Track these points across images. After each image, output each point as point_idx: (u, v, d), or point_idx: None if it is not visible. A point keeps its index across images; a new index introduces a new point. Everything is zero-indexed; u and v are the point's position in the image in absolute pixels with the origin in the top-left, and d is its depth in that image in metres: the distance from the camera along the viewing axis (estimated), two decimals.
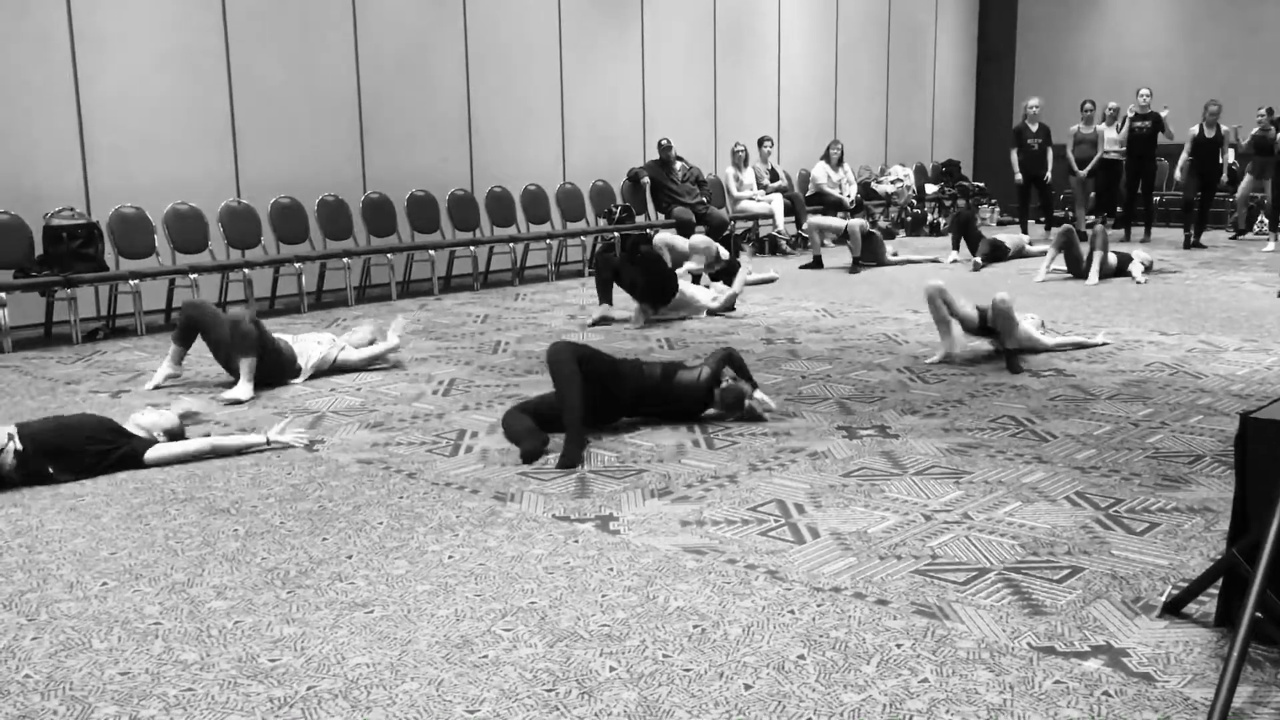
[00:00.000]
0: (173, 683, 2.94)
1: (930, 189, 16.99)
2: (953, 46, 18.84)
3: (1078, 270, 11.01)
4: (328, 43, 10.55)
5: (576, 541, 3.97)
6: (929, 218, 16.21)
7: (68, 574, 3.71)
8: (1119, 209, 14.84)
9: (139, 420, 5.17)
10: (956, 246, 12.70)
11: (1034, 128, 14.61)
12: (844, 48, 16.66)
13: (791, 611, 3.34)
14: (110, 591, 3.56)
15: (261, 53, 10.06)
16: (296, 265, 9.61)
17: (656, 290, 8.73)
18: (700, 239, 10.57)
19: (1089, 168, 14.59)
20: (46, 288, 8.31)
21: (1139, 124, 14.11)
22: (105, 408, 6.06)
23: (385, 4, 10.92)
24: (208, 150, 9.85)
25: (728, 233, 13.29)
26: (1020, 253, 12.78)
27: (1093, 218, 14.13)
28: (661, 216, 12.92)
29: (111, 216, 8.86)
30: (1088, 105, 14.69)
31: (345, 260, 10.02)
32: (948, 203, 16.75)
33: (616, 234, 12.29)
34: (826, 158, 15.09)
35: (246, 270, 9.28)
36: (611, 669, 2.99)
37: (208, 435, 5.35)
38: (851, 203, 14.90)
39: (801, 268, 12.21)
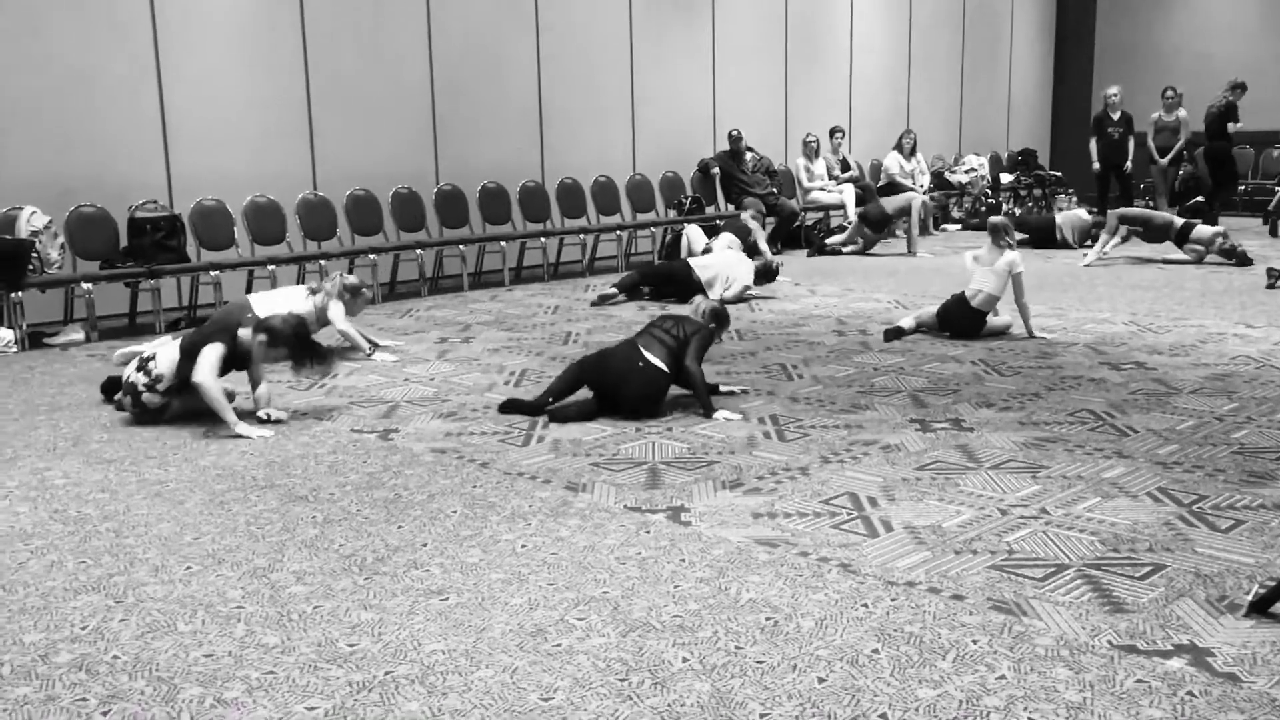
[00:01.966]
0: (255, 665, 3.01)
1: (1005, 178, 16.70)
2: (1029, 32, 18.50)
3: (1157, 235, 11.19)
4: (402, 36, 10.67)
5: (648, 532, 3.98)
6: (1004, 208, 15.93)
7: (154, 558, 3.81)
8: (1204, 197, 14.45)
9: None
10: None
11: (1115, 116, 14.27)
12: (918, 34, 16.45)
13: (865, 605, 3.32)
14: (194, 575, 3.65)
15: (338, 46, 10.21)
16: (370, 257, 9.74)
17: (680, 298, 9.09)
18: (728, 237, 10.46)
19: (1169, 156, 14.24)
20: (131, 279, 8.53)
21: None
22: None
23: (459, 5, 11.03)
24: (285, 143, 10.02)
25: (798, 224, 13.20)
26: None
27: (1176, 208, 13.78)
28: (731, 207, 12.87)
29: (193, 209, 9.06)
30: (1169, 93, 14.32)
31: (418, 251, 10.14)
32: (1023, 192, 16.46)
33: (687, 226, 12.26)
34: (899, 147, 14.90)
35: (322, 261, 9.42)
36: (684, 660, 2.99)
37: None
38: (924, 193, 14.70)
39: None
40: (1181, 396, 5.81)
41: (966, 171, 16.09)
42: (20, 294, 7.79)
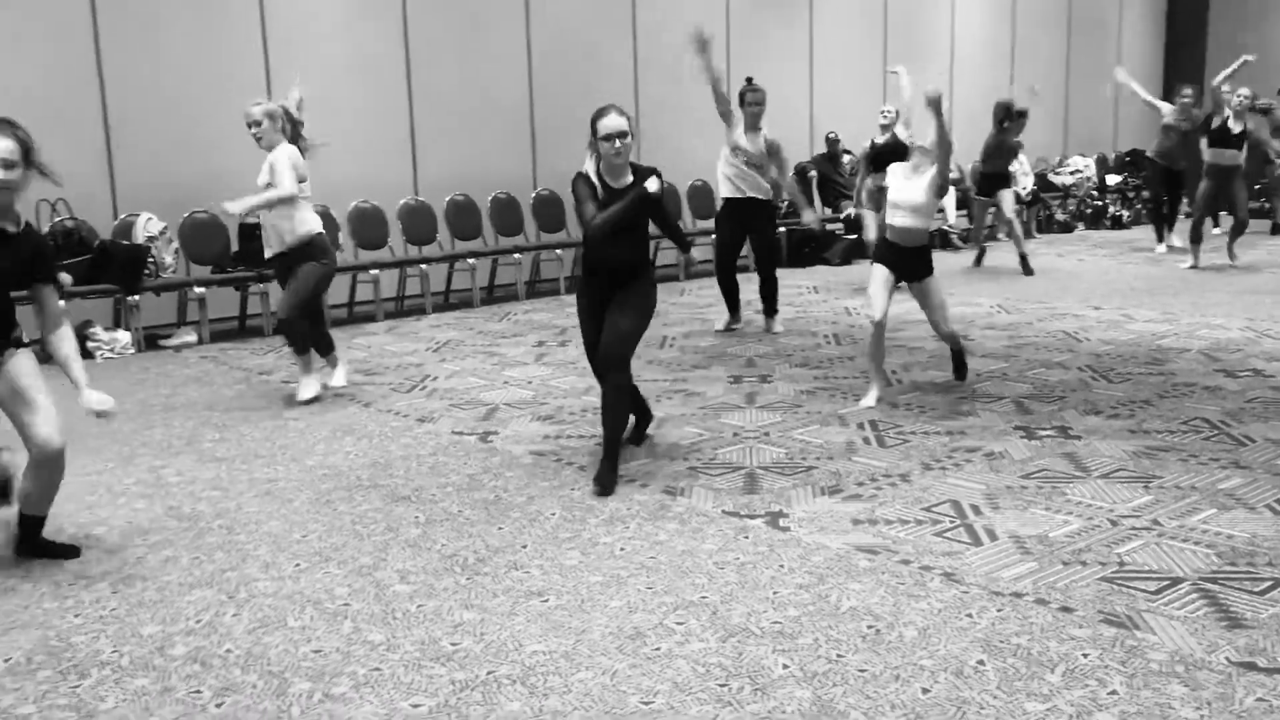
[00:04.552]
0: (361, 662, 3.07)
1: (1112, 180, 16.24)
2: (1138, 32, 17.97)
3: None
4: (500, 45, 10.80)
5: (746, 537, 3.96)
6: (1110, 210, 15.51)
7: (264, 554, 3.91)
8: None
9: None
10: (1161, 238, 12.30)
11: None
12: (1022, 34, 16.10)
13: (969, 615, 3.25)
14: (303, 572, 3.74)
15: (438, 55, 10.38)
16: (470, 261, 9.89)
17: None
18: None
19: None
20: (241, 283, 8.79)
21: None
22: (293, 398, 6.36)
23: (556, 5, 11.12)
24: (388, 150, 10.22)
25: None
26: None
27: None
28: (828, 210, 12.75)
29: None
30: None
31: (516, 255, 10.26)
32: (1130, 194, 15.99)
33: (784, 229, 12.18)
34: None
35: (423, 266, 9.59)
36: (785, 666, 2.97)
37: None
38: (1027, 195, 14.39)
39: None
40: None
41: (1072, 173, 15.70)
42: (136, 297, 8.08)
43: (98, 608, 3.48)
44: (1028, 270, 10.82)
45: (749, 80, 8.41)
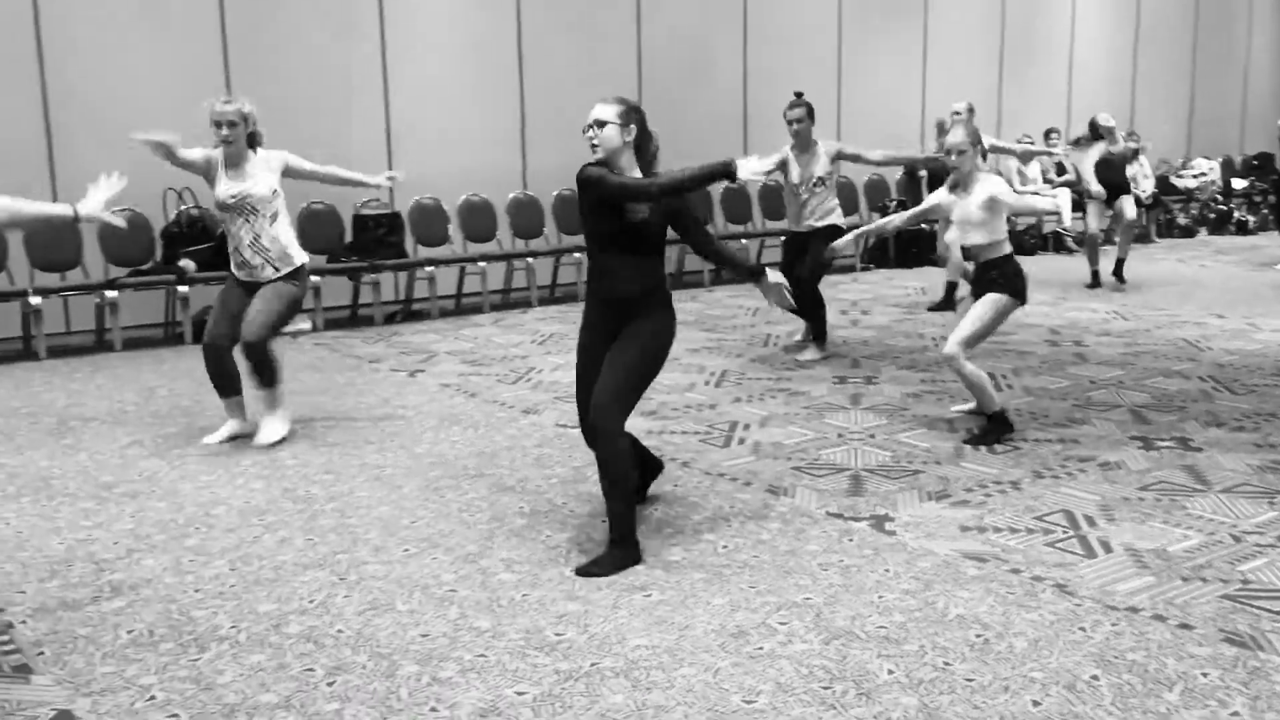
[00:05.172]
0: (468, 648, 3.12)
1: (1238, 184, 15.64)
2: (1270, 29, 17.26)
3: None
4: (612, 42, 10.86)
5: (851, 540, 3.92)
6: (1235, 215, 14.94)
7: (374, 539, 4.00)
8: None
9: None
10: None
11: None
12: (1145, 31, 15.60)
13: (1082, 629, 3.17)
14: (411, 558, 3.81)
15: (551, 54, 10.48)
16: (576, 255, 9.96)
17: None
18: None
19: None
20: (354, 272, 9.00)
21: None
22: (402, 386, 6.50)
23: (668, 13, 11.13)
24: (499, 145, 10.36)
25: (1009, 228, 12.74)
26: None
27: None
28: None
29: (412, 207, 9.48)
30: None
31: None
32: (1257, 198, 15.38)
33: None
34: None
35: (530, 259, 9.70)
36: (890, 672, 2.93)
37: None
38: (1148, 198, 13.94)
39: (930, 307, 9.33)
40: None
41: (1195, 176, 15.16)
42: None
43: (217, 584, 3.60)
44: (1120, 278, 10.15)
45: (797, 95, 7.56)
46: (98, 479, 4.78)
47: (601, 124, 3.88)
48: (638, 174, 3.93)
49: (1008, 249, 5.31)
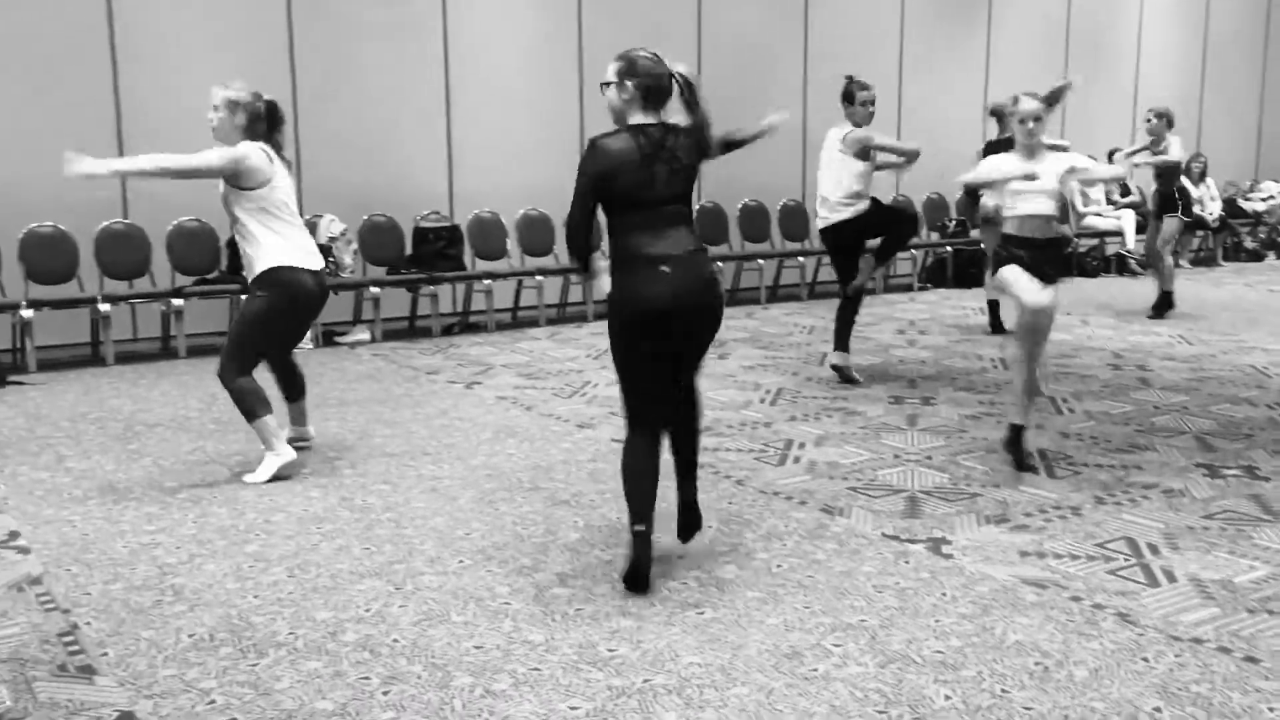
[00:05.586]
0: (521, 660, 3.13)
1: None
2: None
3: None
4: (672, 51, 10.87)
5: (907, 562, 3.88)
6: None
7: (429, 549, 4.04)
8: None
9: None
10: None
11: None
12: (1213, 50, 15.35)
13: (1145, 659, 3.11)
14: (466, 569, 3.84)
15: (610, 59, 10.53)
16: None
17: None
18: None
19: None
20: (413, 284, 9.10)
21: None
22: (459, 398, 6.55)
23: (729, 15, 11.16)
24: (557, 160, 10.39)
25: (1070, 249, 12.57)
26: None
27: None
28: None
29: (471, 220, 9.58)
30: None
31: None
32: None
33: (949, 248, 11.95)
34: (1187, 171, 13.91)
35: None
36: (946, 698, 2.89)
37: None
38: (1214, 221, 13.71)
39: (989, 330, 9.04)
40: None
41: (1264, 199, 14.86)
42: None
43: (275, 590, 3.65)
44: (1161, 310, 9.57)
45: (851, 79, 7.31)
46: (161, 484, 4.87)
47: (605, 85, 3.94)
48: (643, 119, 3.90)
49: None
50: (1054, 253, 5.06)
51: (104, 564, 3.90)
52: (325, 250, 8.57)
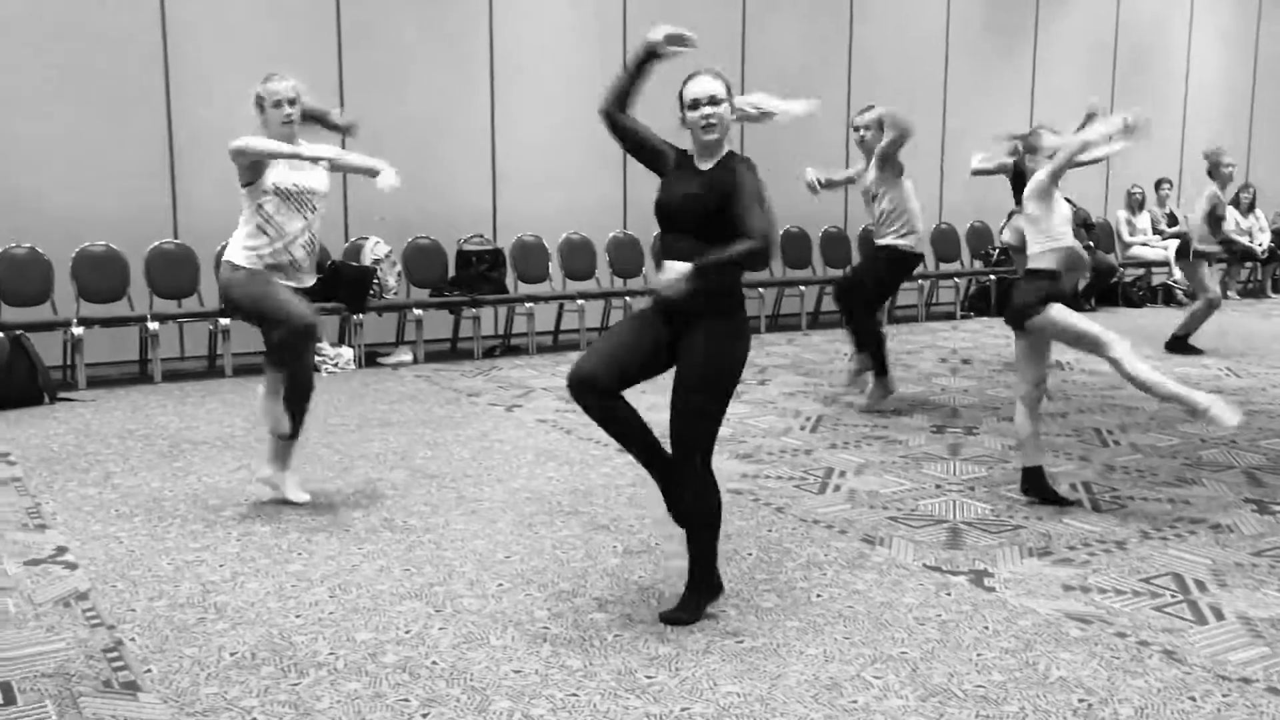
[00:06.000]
0: (559, 686, 3.13)
1: None
2: None
3: None
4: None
5: (949, 594, 3.84)
6: None
7: (469, 572, 4.05)
8: None
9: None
10: None
11: None
12: (1263, 76, 15.18)
13: (1192, 698, 3.05)
14: (505, 593, 3.85)
15: (653, 94, 10.57)
16: None
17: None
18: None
19: None
20: (455, 306, 9.17)
21: None
22: (500, 421, 6.58)
23: (771, 38, 11.19)
24: (600, 184, 10.48)
25: (1116, 280, 12.45)
26: None
27: None
28: None
29: (514, 244, 9.65)
30: None
31: None
32: None
33: (992, 276, 11.86)
34: (1235, 202, 13.72)
35: (628, 298, 9.77)
36: None
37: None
38: (1263, 253, 13.51)
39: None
40: None
41: None
42: (361, 316, 8.55)
43: (316, 610, 3.68)
44: (1177, 346, 9.29)
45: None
46: (206, 502, 4.93)
47: (716, 100, 3.72)
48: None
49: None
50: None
51: (149, 580, 3.95)
52: (370, 273, 8.68)
